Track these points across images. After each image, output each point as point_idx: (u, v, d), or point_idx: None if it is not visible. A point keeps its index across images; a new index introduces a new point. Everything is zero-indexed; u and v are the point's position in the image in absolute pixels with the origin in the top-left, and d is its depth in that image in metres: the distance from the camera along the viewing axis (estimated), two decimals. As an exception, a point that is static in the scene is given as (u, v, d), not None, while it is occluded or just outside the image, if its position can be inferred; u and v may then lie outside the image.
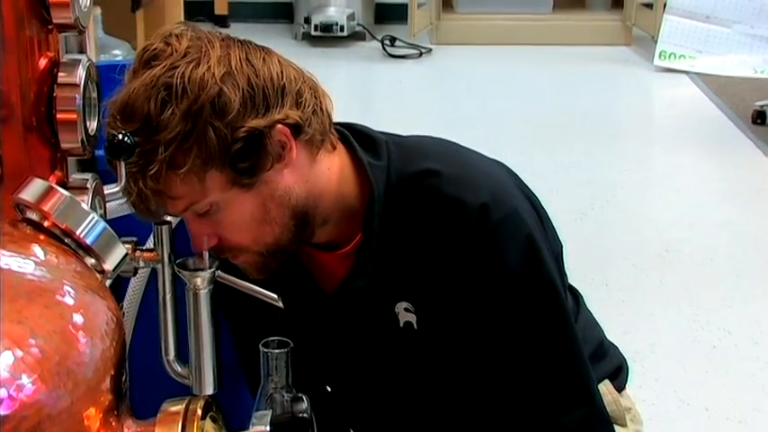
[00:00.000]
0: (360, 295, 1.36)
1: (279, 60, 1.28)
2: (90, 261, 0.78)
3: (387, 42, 5.62)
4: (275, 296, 1.28)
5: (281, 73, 1.26)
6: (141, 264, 1.24)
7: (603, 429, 1.41)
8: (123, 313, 1.47)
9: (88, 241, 0.77)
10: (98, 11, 3.60)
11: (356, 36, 5.79)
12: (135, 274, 1.35)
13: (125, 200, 1.25)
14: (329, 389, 1.55)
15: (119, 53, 3.72)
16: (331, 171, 1.32)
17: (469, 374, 1.38)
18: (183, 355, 1.26)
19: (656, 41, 5.40)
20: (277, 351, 1.25)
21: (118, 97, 1.24)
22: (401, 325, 1.35)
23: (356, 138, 1.37)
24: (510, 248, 1.30)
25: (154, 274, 1.26)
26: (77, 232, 0.76)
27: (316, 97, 1.30)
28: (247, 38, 1.31)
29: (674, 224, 3.53)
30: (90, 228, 0.78)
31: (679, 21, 5.33)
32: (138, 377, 1.40)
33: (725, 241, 3.45)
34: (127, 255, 0.81)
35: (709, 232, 3.50)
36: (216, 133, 1.20)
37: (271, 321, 1.36)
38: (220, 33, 1.28)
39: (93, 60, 2.70)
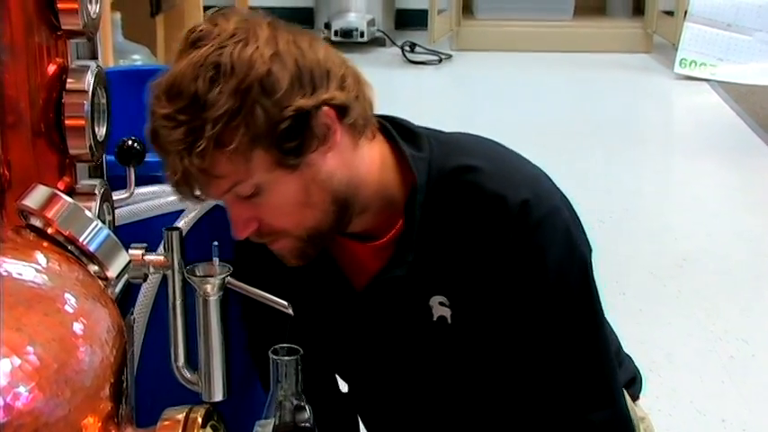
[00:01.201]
0: (395, 286, 1.36)
1: (324, 45, 1.29)
2: (93, 268, 0.78)
3: (407, 48, 5.62)
4: (285, 303, 1.28)
5: (327, 57, 1.27)
6: (151, 270, 1.24)
7: None
8: (134, 319, 1.47)
9: (91, 248, 0.77)
10: (117, 16, 3.61)
11: (376, 42, 5.79)
12: (145, 281, 1.34)
13: (168, 182, 1.25)
14: (349, 387, 1.55)
15: (138, 58, 3.73)
16: (372, 159, 1.33)
17: (498, 370, 1.38)
18: (193, 362, 1.26)
19: (676, 49, 5.38)
20: (287, 358, 1.25)
21: (162, 79, 1.24)
22: (434, 319, 1.35)
23: (397, 130, 1.37)
24: (549, 247, 1.31)
25: (165, 280, 1.26)
26: (80, 239, 0.76)
27: (358, 83, 1.30)
28: None
29: (692, 233, 3.51)
30: (93, 235, 0.77)
31: (700, 28, 5.30)
32: (150, 383, 1.41)
33: (743, 250, 3.42)
34: (131, 262, 0.80)
35: (727, 241, 3.48)
36: (264, 112, 1.21)
37: (288, 320, 1.33)
38: (266, 17, 1.29)
39: (110, 65, 2.69)
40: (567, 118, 4.63)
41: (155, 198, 1.55)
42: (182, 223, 1.55)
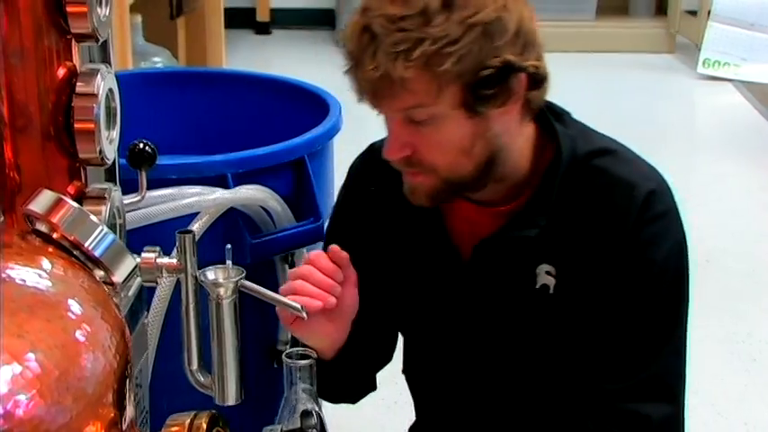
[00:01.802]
0: (510, 248, 1.40)
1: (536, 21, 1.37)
2: (99, 273, 0.77)
3: (428, 49, 5.60)
4: (298, 306, 1.28)
5: (537, 30, 1.35)
6: (164, 273, 1.23)
7: None
8: (147, 323, 1.47)
9: (96, 253, 0.76)
10: (138, 18, 3.62)
11: (397, 43, 5.78)
12: (158, 284, 1.34)
13: (353, 82, 1.31)
14: (409, 346, 1.57)
15: (159, 60, 3.74)
16: (527, 136, 1.39)
17: (579, 345, 1.40)
18: (207, 366, 1.26)
19: (699, 49, 5.35)
20: (300, 362, 1.25)
21: None
22: (537, 286, 1.39)
23: (546, 107, 1.43)
24: (661, 241, 1.36)
25: (179, 283, 1.25)
26: (86, 244, 0.76)
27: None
28: (289, 45, 1.35)
29: (714, 233, 3.49)
30: (99, 240, 0.77)
31: (723, 28, 5.27)
32: (166, 386, 1.41)
33: (767, 252, 3.39)
34: (137, 267, 0.80)
35: (750, 242, 3.45)
36: (478, 52, 1.26)
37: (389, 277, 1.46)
38: None
39: (129, 67, 2.70)
40: (590, 118, 4.56)
41: (169, 201, 1.55)
42: (196, 226, 1.55)
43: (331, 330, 1.41)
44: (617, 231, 1.35)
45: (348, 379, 1.52)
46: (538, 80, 1.35)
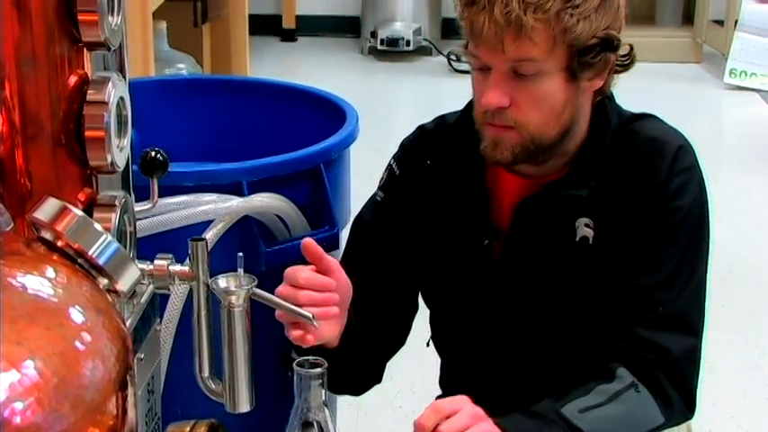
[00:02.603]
0: (557, 204, 1.48)
1: None
2: (103, 281, 0.78)
3: (453, 57, 5.60)
4: (310, 315, 1.29)
5: None
6: (177, 281, 1.24)
7: (694, 369, 1.48)
8: (161, 329, 1.47)
9: (100, 262, 0.77)
10: (163, 25, 3.64)
11: (422, 51, 5.78)
12: (172, 291, 1.34)
13: (474, 21, 1.37)
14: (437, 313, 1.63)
15: (183, 67, 3.76)
16: (587, 116, 1.48)
17: (611, 290, 1.47)
18: (219, 373, 1.26)
19: (726, 59, 5.32)
20: (312, 371, 1.24)
21: None
22: (577, 239, 1.47)
23: None
24: (688, 191, 1.46)
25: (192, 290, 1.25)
26: (90, 252, 0.76)
27: None
28: (314, 52, 1.39)
29: (738, 246, 3.46)
30: (103, 248, 0.77)
31: (750, 38, 5.23)
32: (180, 393, 1.41)
33: (791, 265, 3.37)
34: (141, 275, 0.80)
35: (774, 255, 3.43)
36: (593, 20, 1.38)
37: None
38: None
39: (151, 74, 2.70)
40: (614, 128, 4.57)
41: (184, 208, 1.55)
42: (210, 233, 1.56)
43: (333, 324, 1.43)
44: (650, 181, 1.45)
45: (357, 366, 1.53)
46: (626, 63, 1.47)
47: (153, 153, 1.10)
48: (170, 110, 2.05)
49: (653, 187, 1.46)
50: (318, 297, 1.38)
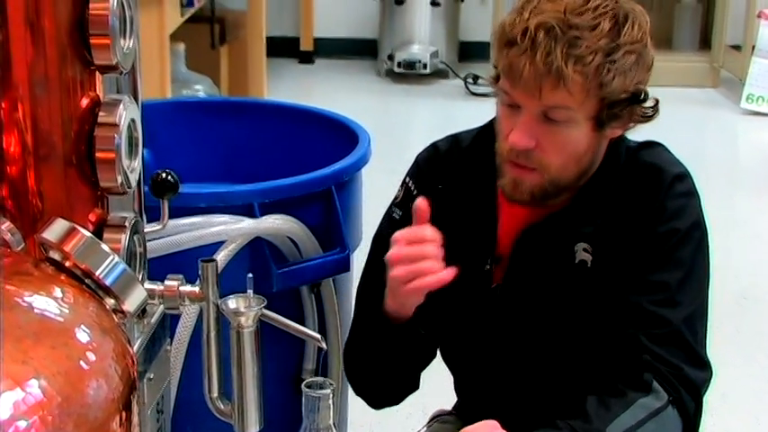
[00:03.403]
0: (555, 230, 1.50)
1: None
2: (110, 302, 0.78)
3: (470, 80, 5.62)
4: (318, 336, 1.29)
5: None
6: (187, 301, 1.24)
7: (706, 389, 1.50)
8: (171, 350, 1.48)
9: (107, 282, 0.77)
10: (181, 47, 3.67)
11: (439, 74, 5.80)
12: (183, 312, 1.35)
13: (514, 64, 1.39)
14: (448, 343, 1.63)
15: (200, 88, 3.79)
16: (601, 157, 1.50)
17: (613, 314, 1.48)
18: (228, 394, 1.26)
19: (743, 84, 5.31)
20: (320, 392, 1.25)
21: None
22: (576, 261, 1.50)
23: None
24: (686, 215, 1.48)
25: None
26: (97, 273, 0.77)
27: None
28: (332, 74, 1.41)
29: (753, 270, 3.45)
30: (110, 269, 0.78)
31: (767, 64, 5.23)
32: (191, 413, 1.42)
33: (806, 290, 3.35)
34: (147, 296, 0.81)
35: (790, 280, 3.41)
36: (627, 75, 1.40)
37: None
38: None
39: (167, 96, 2.72)
40: (630, 152, 4.56)
41: (196, 229, 1.57)
42: (221, 254, 1.57)
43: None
44: (647, 205, 1.48)
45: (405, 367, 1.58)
46: (649, 115, 1.48)
47: (164, 174, 1.11)
48: (184, 131, 2.07)
49: (650, 210, 1.48)
50: (440, 251, 1.41)
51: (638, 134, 1.54)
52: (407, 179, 1.61)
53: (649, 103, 1.48)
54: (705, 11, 5.97)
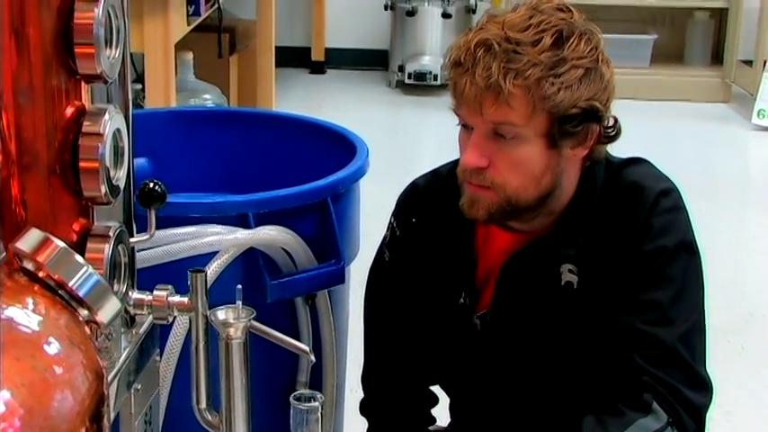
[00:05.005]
0: (536, 255, 1.50)
1: None
2: (83, 313, 0.78)
3: (480, 93, 5.61)
4: (307, 349, 1.29)
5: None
6: (175, 312, 1.24)
7: (708, 410, 1.49)
8: (161, 360, 1.47)
9: (81, 293, 0.77)
10: (189, 56, 3.67)
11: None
12: (170, 323, 1.35)
13: (459, 83, 1.41)
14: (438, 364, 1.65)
15: (208, 98, 3.79)
16: (575, 177, 1.49)
17: (601, 337, 1.47)
18: (217, 405, 1.26)
19: (755, 99, 5.29)
20: (307, 405, 1.24)
21: (513, 16, 1.42)
22: (562, 283, 1.49)
23: None
24: (673, 232, 1.46)
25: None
26: (70, 284, 0.77)
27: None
28: (343, 84, 1.43)
29: (760, 287, 3.43)
30: (83, 280, 0.78)
31: (778, 79, 5.21)
32: (181, 423, 1.41)
33: (813, 308, 3.33)
34: (122, 308, 0.80)
35: (797, 297, 3.39)
36: (575, 90, 1.39)
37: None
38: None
39: (172, 105, 2.71)
40: (640, 166, 4.55)
41: (189, 239, 1.56)
42: (214, 265, 1.56)
43: None
44: (631, 225, 1.46)
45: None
46: (611, 135, 1.47)
47: (151, 185, 1.11)
48: (184, 141, 2.07)
49: (636, 229, 1.46)
50: None
51: (644, 149, 1.54)
52: (392, 219, 1.63)
53: (609, 123, 1.46)
54: (717, 26, 5.94)
